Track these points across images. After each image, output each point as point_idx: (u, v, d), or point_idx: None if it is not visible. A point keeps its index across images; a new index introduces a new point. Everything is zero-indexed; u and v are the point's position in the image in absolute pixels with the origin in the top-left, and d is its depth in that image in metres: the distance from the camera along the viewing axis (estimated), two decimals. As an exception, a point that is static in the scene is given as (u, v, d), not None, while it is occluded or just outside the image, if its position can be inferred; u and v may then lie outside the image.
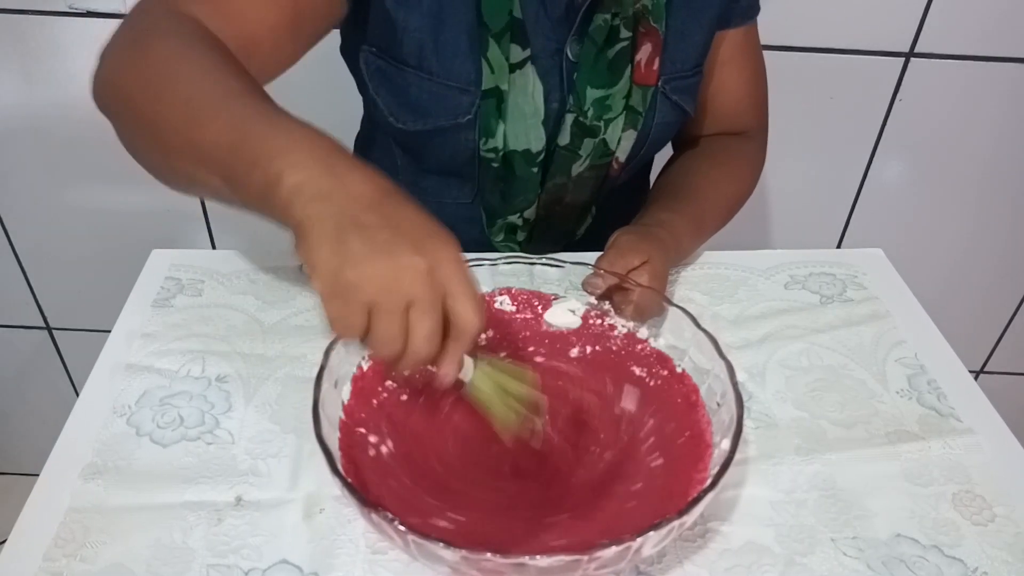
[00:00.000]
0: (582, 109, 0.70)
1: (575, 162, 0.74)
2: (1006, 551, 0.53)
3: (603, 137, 0.72)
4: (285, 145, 0.45)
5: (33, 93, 1.09)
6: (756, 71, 0.82)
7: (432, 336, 0.43)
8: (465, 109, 0.69)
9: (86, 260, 1.27)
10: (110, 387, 0.62)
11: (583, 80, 0.69)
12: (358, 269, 0.41)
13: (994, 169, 1.19)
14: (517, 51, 0.67)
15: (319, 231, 0.42)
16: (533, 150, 0.71)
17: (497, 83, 0.67)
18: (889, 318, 0.71)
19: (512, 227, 0.78)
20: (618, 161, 0.75)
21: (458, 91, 0.68)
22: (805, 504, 0.55)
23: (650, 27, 0.69)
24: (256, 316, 0.69)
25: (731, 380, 0.52)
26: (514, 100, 0.69)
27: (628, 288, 0.61)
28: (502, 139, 0.70)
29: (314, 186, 0.43)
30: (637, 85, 0.71)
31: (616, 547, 0.42)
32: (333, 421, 0.52)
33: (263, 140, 0.45)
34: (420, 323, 0.42)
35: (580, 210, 0.80)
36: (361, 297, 0.42)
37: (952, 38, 1.05)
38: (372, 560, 0.51)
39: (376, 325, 0.42)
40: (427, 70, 0.67)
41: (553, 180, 0.75)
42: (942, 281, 1.30)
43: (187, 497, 0.54)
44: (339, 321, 0.43)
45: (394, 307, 0.42)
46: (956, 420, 0.62)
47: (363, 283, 0.41)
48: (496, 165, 0.72)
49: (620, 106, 0.71)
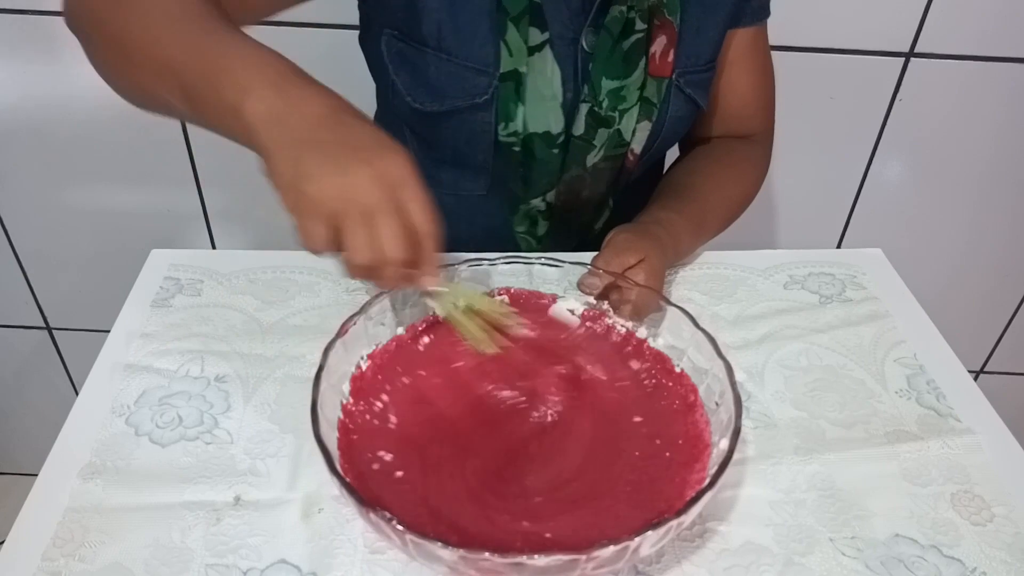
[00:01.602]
0: (597, 99, 0.71)
1: (590, 152, 0.74)
2: (1005, 551, 0.53)
3: (618, 128, 0.73)
4: (240, 68, 0.48)
5: (33, 93, 1.09)
6: (764, 74, 0.83)
7: (397, 236, 0.47)
8: (482, 90, 0.69)
9: (86, 260, 1.27)
10: (109, 387, 0.62)
11: (598, 71, 0.70)
12: (315, 184, 0.46)
13: (994, 169, 1.18)
14: (536, 34, 0.68)
15: (278, 154, 0.46)
16: (553, 131, 0.72)
17: (516, 66, 0.68)
18: (888, 318, 0.71)
19: (533, 218, 0.79)
20: (633, 153, 0.75)
21: (476, 72, 0.69)
22: (804, 504, 0.55)
23: (665, 20, 0.70)
24: (255, 316, 0.69)
25: (730, 380, 0.52)
26: (533, 82, 0.69)
27: (625, 287, 0.61)
28: (522, 122, 0.71)
29: (269, 111, 0.47)
30: (652, 77, 0.72)
31: (614, 547, 0.42)
32: (332, 421, 0.52)
33: (218, 61, 0.49)
34: (383, 226, 0.47)
35: (598, 203, 0.80)
36: (322, 209, 0.46)
37: (952, 38, 1.05)
38: (370, 560, 0.51)
39: (344, 236, 0.46)
40: (446, 51, 0.68)
41: (569, 171, 0.75)
42: (942, 281, 1.30)
43: (186, 497, 0.54)
44: (306, 235, 0.47)
45: (355, 215, 0.46)
46: (955, 420, 0.62)
47: (321, 196, 0.46)
48: (517, 149, 0.72)
49: (635, 97, 0.72)
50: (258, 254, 0.75)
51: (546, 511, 0.50)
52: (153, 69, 0.51)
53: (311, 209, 0.46)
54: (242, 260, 0.75)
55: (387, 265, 0.48)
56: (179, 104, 0.51)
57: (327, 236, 0.47)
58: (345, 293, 0.71)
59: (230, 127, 0.49)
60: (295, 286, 0.72)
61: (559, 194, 0.77)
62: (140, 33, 0.52)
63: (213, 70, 0.48)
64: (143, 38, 0.52)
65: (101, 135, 0.54)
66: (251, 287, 0.72)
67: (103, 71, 0.57)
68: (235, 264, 0.74)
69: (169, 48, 0.50)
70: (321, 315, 0.69)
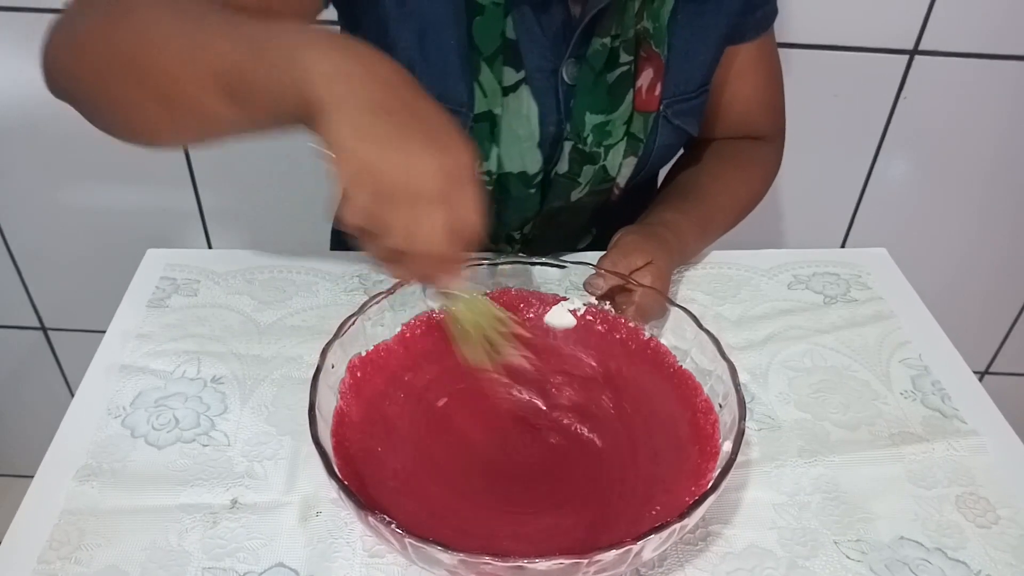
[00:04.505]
0: (580, 136, 0.68)
1: (574, 189, 0.72)
2: (1010, 553, 0.52)
3: (603, 164, 0.71)
4: (294, 33, 0.45)
5: (28, 91, 1.08)
6: (772, 78, 0.80)
7: (440, 230, 0.43)
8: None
9: (81, 260, 1.26)
10: (105, 388, 0.61)
11: (581, 106, 0.67)
12: (376, 152, 0.42)
13: (1000, 167, 1.18)
14: (511, 73, 0.65)
15: (341, 111, 0.42)
16: (529, 172, 0.70)
17: (490, 107, 0.65)
18: (893, 318, 0.70)
19: (508, 239, 0.78)
20: (618, 186, 0.73)
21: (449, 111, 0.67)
22: (808, 507, 0.54)
23: (652, 52, 0.67)
24: (252, 316, 0.68)
25: (733, 381, 0.51)
26: (507, 123, 0.67)
27: (630, 289, 0.61)
28: (496, 162, 0.68)
29: (335, 68, 0.43)
30: (638, 112, 0.69)
31: (616, 550, 0.41)
32: (330, 423, 0.51)
33: (280, 38, 0.45)
34: (429, 215, 0.43)
35: (578, 229, 0.79)
36: (374, 181, 0.42)
37: (957, 35, 1.05)
38: (369, 564, 0.50)
39: (386, 215, 0.43)
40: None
41: (551, 205, 0.73)
42: (947, 281, 1.29)
43: (182, 500, 0.54)
44: (348, 202, 0.43)
45: (406, 196, 0.42)
46: (960, 422, 0.61)
47: (380, 167, 0.42)
48: (490, 187, 0.70)
49: (621, 132, 0.69)
50: (255, 254, 0.74)
51: (547, 514, 0.50)
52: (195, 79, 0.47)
53: (363, 177, 0.42)
54: (239, 260, 0.74)
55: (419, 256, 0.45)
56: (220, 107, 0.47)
57: (368, 210, 0.43)
58: (343, 293, 0.71)
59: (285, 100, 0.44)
60: (293, 286, 0.71)
61: (535, 226, 0.76)
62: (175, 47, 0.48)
63: (279, 50, 0.44)
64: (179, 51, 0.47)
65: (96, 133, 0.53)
66: (248, 287, 0.71)
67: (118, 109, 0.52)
68: (232, 264, 0.73)
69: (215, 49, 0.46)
70: (319, 315, 0.68)
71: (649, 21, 0.66)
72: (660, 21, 0.66)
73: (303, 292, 0.70)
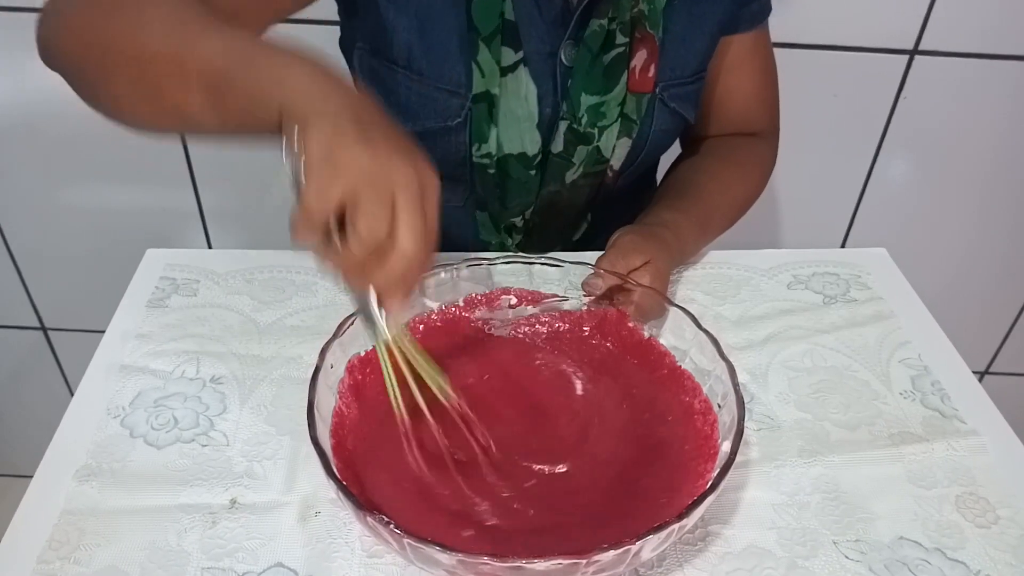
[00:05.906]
0: (576, 116, 0.69)
1: (569, 169, 0.73)
2: (1010, 553, 0.52)
3: (597, 145, 0.71)
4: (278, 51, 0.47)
5: (27, 91, 1.08)
6: (766, 73, 0.81)
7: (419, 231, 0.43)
8: (455, 112, 0.68)
9: (81, 259, 1.26)
10: (104, 388, 0.61)
11: (577, 86, 0.68)
12: (350, 150, 0.42)
13: (999, 167, 1.18)
14: (509, 54, 0.66)
15: (319, 120, 0.43)
16: (529, 153, 0.70)
17: (488, 87, 0.66)
18: (893, 318, 0.70)
19: (508, 229, 0.78)
20: (612, 169, 0.74)
21: (447, 94, 0.67)
22: (808, 507, 0.54)
23: (646, 33, 0.68)
24: (252, 316, 0.68)
25: (732, 382, 0.51)
26: (506, 104, 0.68)
27: (629, 289, 0.61)
28: (495, 144, 0.69)
29: (313, 84, 0.45)
30: (632, 93, 0.70)
31: (615, 551, 0.41)
32: (328, 423, 0.51)
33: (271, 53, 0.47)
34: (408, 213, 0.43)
35: (575, 216, 0.79)
36: (346, 173, 0.42)
37: (957, 35, 1.05)
38: (368, 564, 0.50)
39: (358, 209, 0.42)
40: (416, 71, 0.66)
41: (548, 187, 0.74)
42: (947, 281, 1.29)
43: (181, 500, 0.54)
44: (317, 192, 0.42)
45: (380, 191, 0.42)
46: (960, 422, 0.61)
47: (352, 163, 0.42)
48: (492, 171, 0.71)
49: (615, 113, 0.70)
50: (255, 254, 0.74)
51: (546, 514, 0.50)
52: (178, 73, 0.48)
53: (334, 172, 0.42)
54: (239, 260, 0.74)
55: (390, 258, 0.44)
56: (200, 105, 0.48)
57: (338, 202, 0.42)
58: (343, 293, 0.70)
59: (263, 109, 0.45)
60: (292, 286, 0.71)
61: (536, 210, 0.76)
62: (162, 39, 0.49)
63: (247, 55, 0.47)
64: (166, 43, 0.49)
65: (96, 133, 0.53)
66: (248, 287, 0.71)
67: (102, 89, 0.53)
68: (231, 264, 0.73)
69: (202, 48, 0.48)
70: (318, 315, 0.68)
71: (645, 4, 0.67)
72: (656, 4, 0.68)
73: (302, 292, 0.70)
